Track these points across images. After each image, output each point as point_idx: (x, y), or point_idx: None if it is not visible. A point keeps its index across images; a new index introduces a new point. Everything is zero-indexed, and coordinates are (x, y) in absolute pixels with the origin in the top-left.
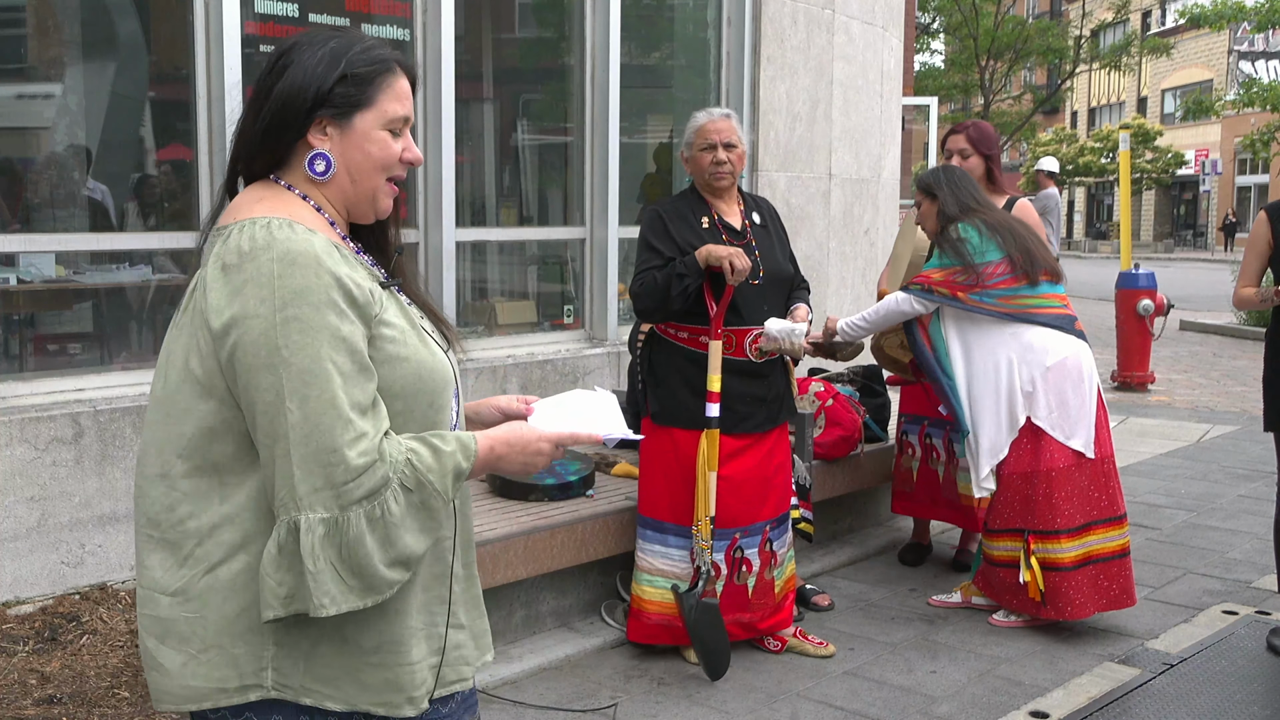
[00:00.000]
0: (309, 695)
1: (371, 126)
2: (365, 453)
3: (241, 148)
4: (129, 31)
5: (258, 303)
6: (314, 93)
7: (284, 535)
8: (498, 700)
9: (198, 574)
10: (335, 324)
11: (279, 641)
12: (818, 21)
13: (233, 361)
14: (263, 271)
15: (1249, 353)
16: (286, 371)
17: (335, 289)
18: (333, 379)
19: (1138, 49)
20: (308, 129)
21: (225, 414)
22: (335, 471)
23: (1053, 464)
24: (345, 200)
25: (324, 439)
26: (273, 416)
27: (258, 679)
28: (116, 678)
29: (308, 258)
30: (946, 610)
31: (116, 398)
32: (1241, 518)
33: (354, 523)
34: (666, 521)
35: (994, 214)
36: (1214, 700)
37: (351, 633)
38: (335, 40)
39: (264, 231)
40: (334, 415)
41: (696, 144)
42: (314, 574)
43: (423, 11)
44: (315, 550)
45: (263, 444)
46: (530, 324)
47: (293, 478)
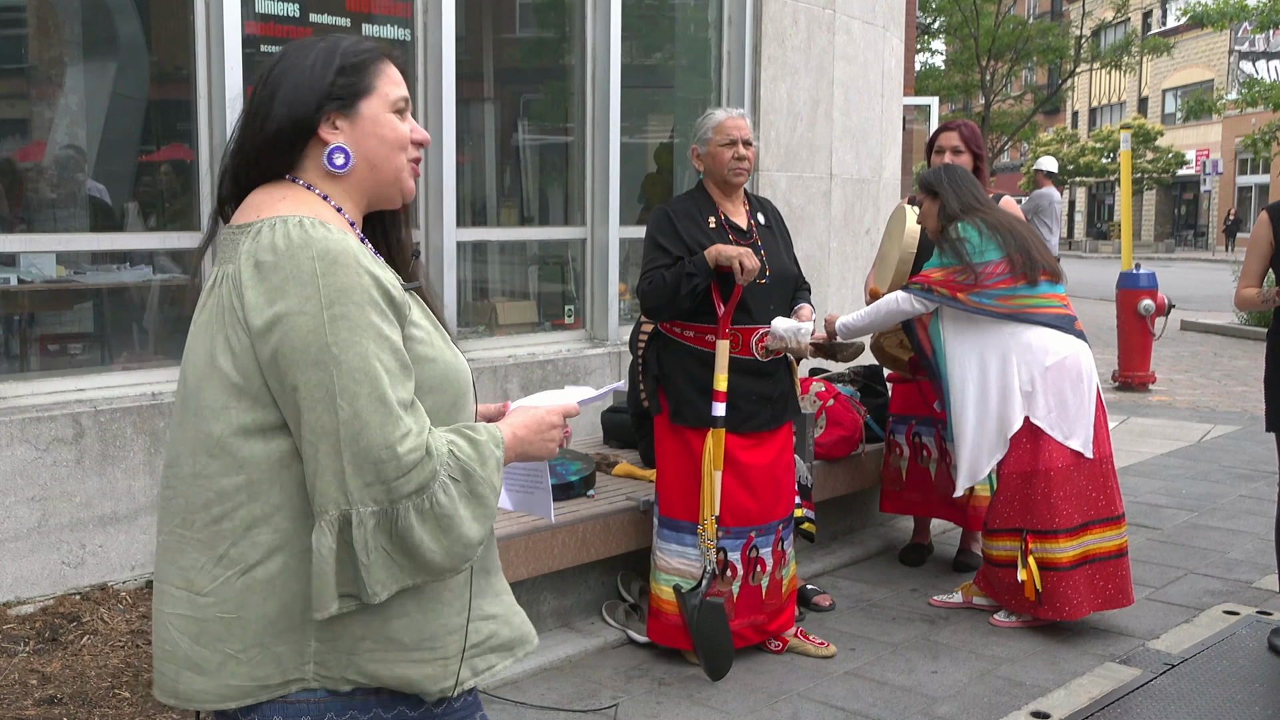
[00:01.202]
0: (349, 685)
1: (379, 111)
2: (414, 449)
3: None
4: (130, 32)
5: (302, 300)
6: (318, 89)
7: (335, 531)
8: (498, 700)
9: (234, 574)
10: (378, 323)
11: (321, 637)
12: (819, 21)
13: (276, 359)
14: (304, 269)
15: (1250, 353)
16: (337, 369)
17: (375, 288)
18: (381, 377)
19: (1138, 49)
20: (318, 126)
21: (258, 413)
22: (386, 468)
23: (1051, 464)
24: (366, 191)
25: (375, 436)
26: (321, 413)
27: (300, 672)
28: (117, 678)
29: (348, 256)
30: (948, 610)
31: (117, 398)
32: (1242, 518)
33: (403, 515)
34: (682, 520)
35: (995, 213)
36: (1215, 700)
37: (395, 629)
38: (322, 41)
39: (298, 229)
40: (385, 413)
41: (716, 140)
42: (367, 566)
43: (423, 11)
44: (369, 542)
45: (308, 441)
46: (531, 324)
47: (344, 474)
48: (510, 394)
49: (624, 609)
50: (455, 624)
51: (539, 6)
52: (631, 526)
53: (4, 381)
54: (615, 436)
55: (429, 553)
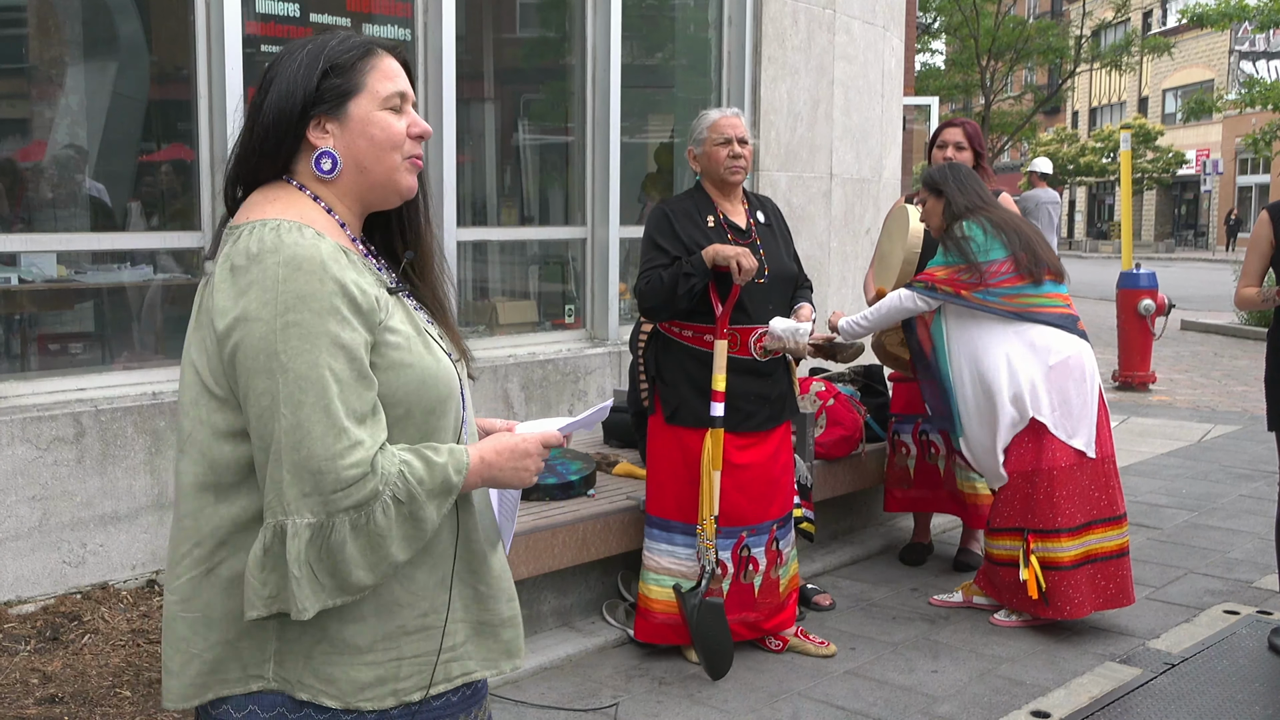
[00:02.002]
0: (305, 690)
1: (368, 110)
2: (357, 464)
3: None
4: (130, 31)
5: (260, 306)
6: (302, 95)
7: (270, 538)
8: (499, 700)
9: (198, 574)
10: (336, 331)
11: (281, 636)
12: (819, 21)
13: (233, 363)
14: (268, 275)
15: (1250, 352)
16: (283, 377)
17: (339, 295)
18: (329, 386)
19: (1138, 48)
20: (305, 131)
21: (227, 415)
22: (324, 480)
23: (1054, 463)
24: (360, 192)
25: (315, 446)
26: (267, 421)
27: (260, 670)
28: (118, 677)
29: (313, 263)
30: (948, 610)
31: (118, 397)
32: (1243, 517)
33: (337, 529)
34: (674, 520)
35: (999, 212)
36: (1215, 700)
37: (350, 634)
38: (311, 43)
39: (273, 234)
40: (327, 423)
41: (711, 139)
42: (297, 579)
43: (424, 11)
44: (301, 555)
45: (257, 447)
46: (531, 324)
47: (282, 482)
48: (510, 394)
49: (624, 608)
50: (415, 625)
51: (539, 6)
52: (632, 526)
53: (5, 381)
54: (615, 436)
55: (355, 569)
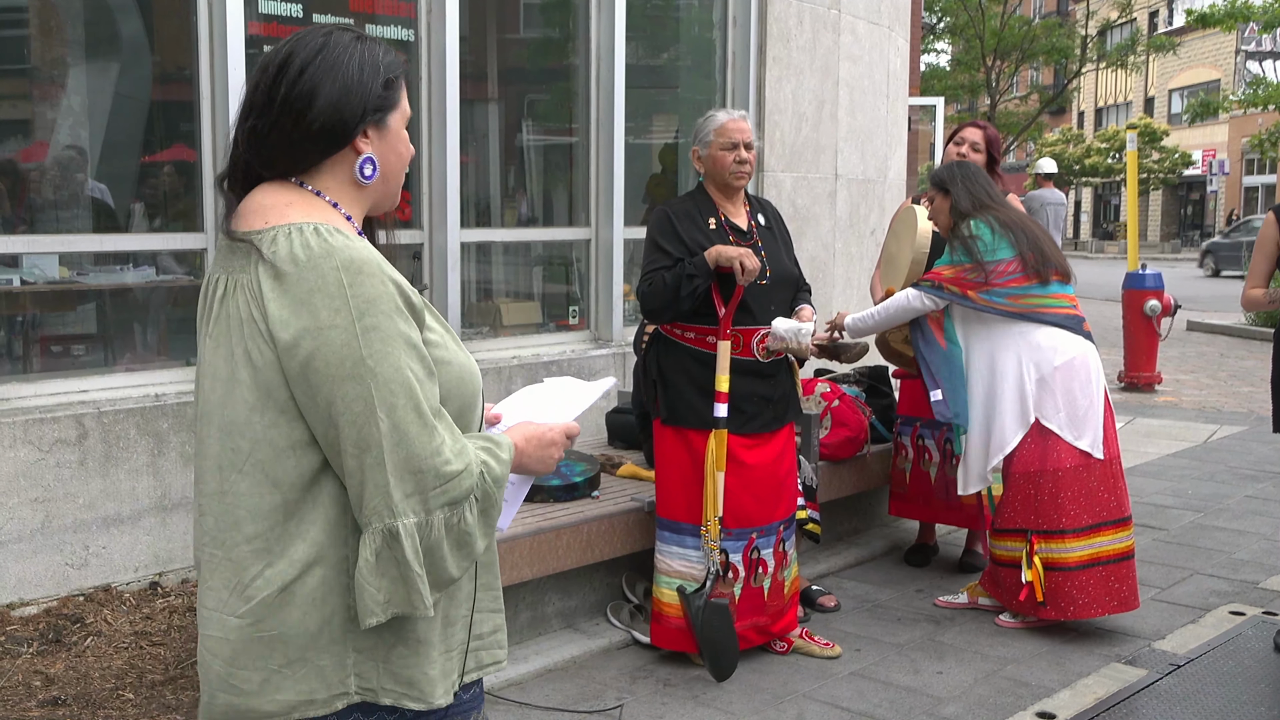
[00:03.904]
0: (388, 695)
1: (399, 125)
2: (450, 459)
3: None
4: (132, 32)
5: (331, 313)
6: (366, 99)
7: (380, 543)
8: (503, 701)
9: (272, 593)
10: (406, 331)
11: (359, 648)
12: (823, 21)
13: (307, 374)
14: (329, 280)
15: (1256, 353)
16: (374, 381)
17: (399, 296)
18: (414, 387)
19: (1144, 48)
20: (356, 135)
21: (286, 427)
22: (425, 478)
23: (1060, 464)
24: (375, 200)
25: (414, 446)
26: (361, 426)
27: (344, 686)
28: (121, 679)
29: (371, 265)
30: (953, 611)
31: (120, 399)
32: (1249, 518)
33: (435, 526)
34: (683, 522)
35: (1007, 211)
36: (1221, 701)
37: (422, 631)
38: (360, 44)
39: (316, 238)
40: (420, 424)
41: (718, 142)
42: (420, 575)
43: (427, 12)
44: (419, 553)
45: (350, 454)
46: (535, 325)
47: (388, 485)
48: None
49: (629, 610)
50: (457, 615)
51: (543, 7)
52: (636, 527)
53: (7, 383)
54: (620, 437)
55: (449, 566)
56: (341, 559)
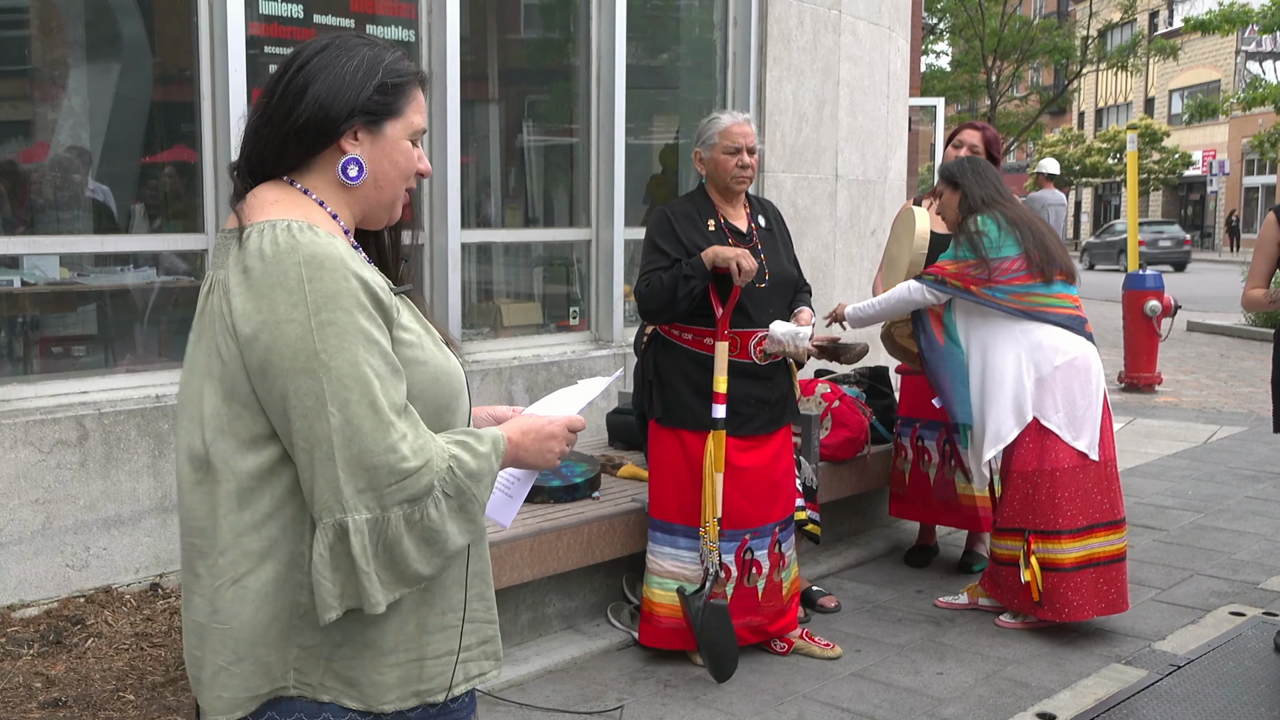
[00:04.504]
0: (327, 693)
1: (400, 136)
2: (408, 456)
3: (262, 147)
4: (133, 33)
5: (289, 307)
6: (353, 99)
7: (332, 538)
8: (504, 703)
9: (224, 584)
10: (367, 326)
11: (302, 644)
12: (824, 22)
13: (264, 368)
14: (290, 275)
15: (1256, 354)
16: (326, 376)
17: (363, 292)
18: (371, 382)
19: (1145, 49)
20: (343, 134)
21: (248, 421)
22: (379, 474)
23: (1058, 464)
24: (365, 206)
25: (367, 442)
26: (313, 421)
27: (284, 680)
28: (122, 681)
29: (334, 260)
30: (953, 612)
31: (121, 400)
32: (1249, 519)
33: (394, 523)
34: (676, 523)
35: (1015, 208)
36: (1221, 702)
37: (372, 636)
38: (368, 48)
39: (285, 234)
40: (375, 419)
41: (721, 145)
42: (367, 574)
43: (428, 13)
44: (367, 551)
45: (300, 448)
46: (535, 325)
47: (338, 480)
48: (515, 396)
49: (629, 610)
50: (435, 624)
51: (544, 7)
52: (636, 528)
53: (8, 384)
54: (620, 438)
55: (414, 563)
56: (298, 554)
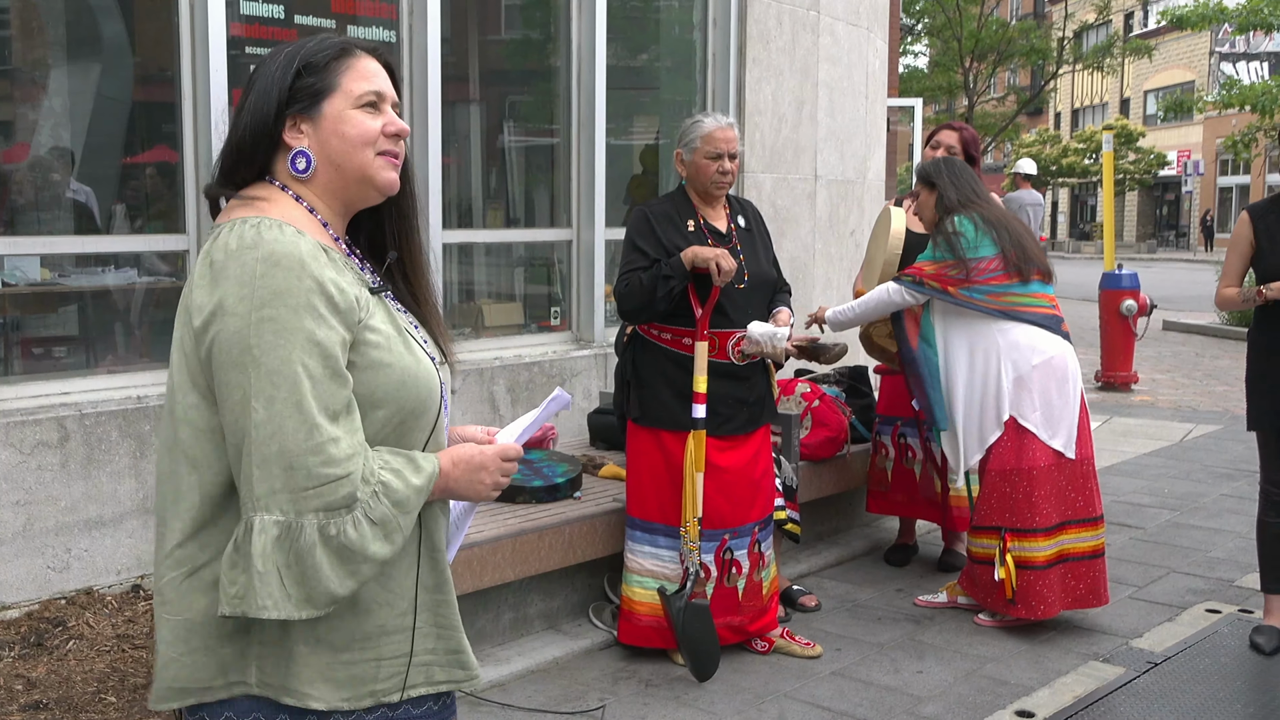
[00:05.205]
0: (290, 695)
1: (341, 109)
2: (332, 461)
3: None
4: (113, 33)
5: (236, 300)
6: (277, 94)
7: (241, 535)
8: (485, 703)
9: (180, 575)
10: (311, 328)
11: (262, 640)
12: (803, 23)
13: (209, 358)
14: (246, 270)
15: (1231, 352)
16: (256, 371)
17: (316, 293)
18: (301, 382)
19: (1120, 50)
20: (281, 131)
21: (205, 410)
22: (295, 475)
23: (1034, 462)
24: (337, 190)
25: (286, 441)
26: (238, 415)
27: (243, 675)
28: (103, 683)
29: (291, 259)
30: (932, 610)
31: (102, 401)
32: (1224, 516)
33: (307, 531)
34: (655, 522)
35: (992, 208)
36: (1198, 698)
37: (324, 632)
38: (292, 45)
39: (253, 231)
40: (299, 419)
41: (703, 149)
42: (261, 574)
43: (409, 13)
44: (266, 551)
45: (230, 442)
46: (517, 326)
47: (253, 477)
48: (496, 396)
49: (611, 610)
50: (394, 625)
51: (524, 8)
52: (618, 528)
53: None
54: (601, 438)
55: (326, 580)
56: None
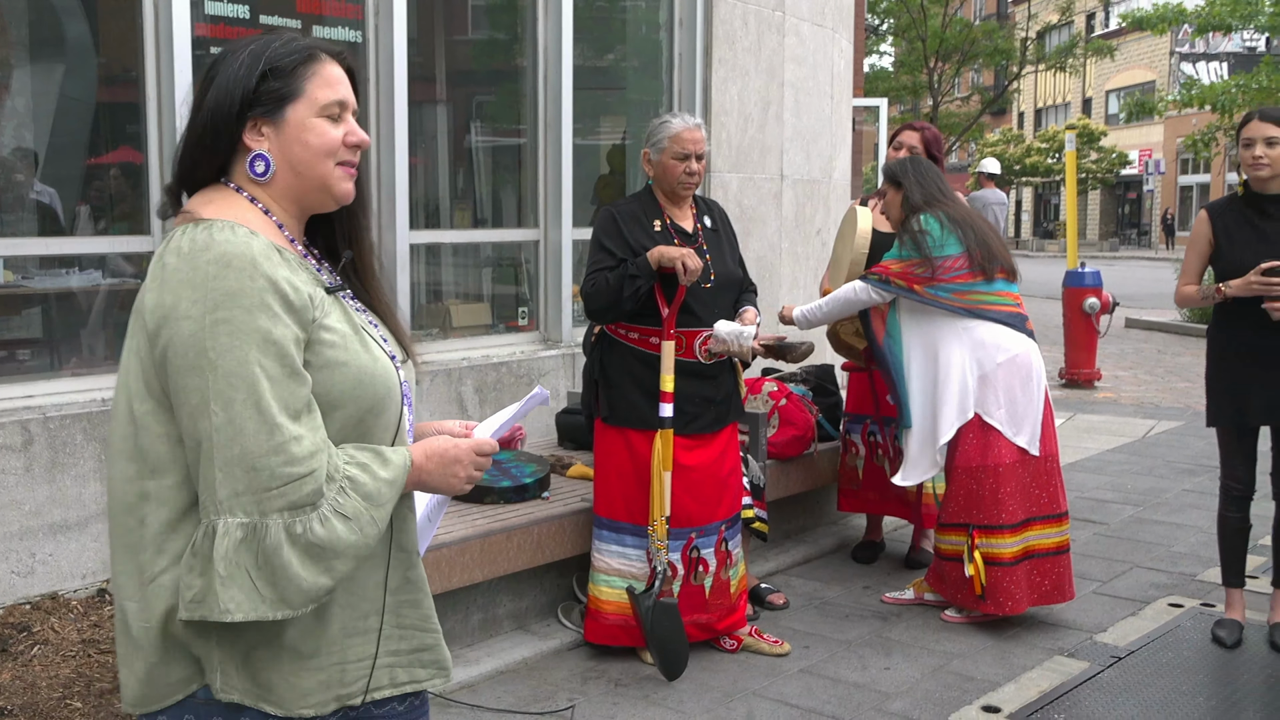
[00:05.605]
0: (246, 696)
1: (305, 116)
2: (295, 459)
3: (184, 160)
4: (77, 33)
5: (189, 304)
6: (240, 95)
7: (200, 539)
8: (455, 704)
9: (147, 580)
10: (267, 327)
11: (220, 643)
12: (768, 23)
13: (164, 362)
14: (198, 273)
15: (1192, 349)
16: (213, 374)
17: (270, 292)
18: (259, 383)
19: (1082, 51)
20: (241, 132)
21: (162, 416)
22: (258, 476)
23: (1000, 459)
24: (294, 195)
25: (248, 443)
26: (197, 419)
27: (205, 680)
28: (69, 688)
29: (243, 260)
30: (900, 607)
31: (66, 404)
32: (1186, 512)
33: (273, 531)
34: (623, 521)
35: (958, 207)
36: (1161, 691)
37: (291, 639)
38: (255, 42)
39: (204, 234)
40: (259, 420)
41: (670, 150)
42: (223, 578)
43: (374, 14)
44: (229, 554)
45: (189, 447)
46: (485, 326)
47: (214, 481)
48: (464, 397)
49: (579, 610)
50: (357, 627)
51: (491, 8)
52: (586, 528)
53: None
54: (570, 438)
55: (297, 579)
56: None
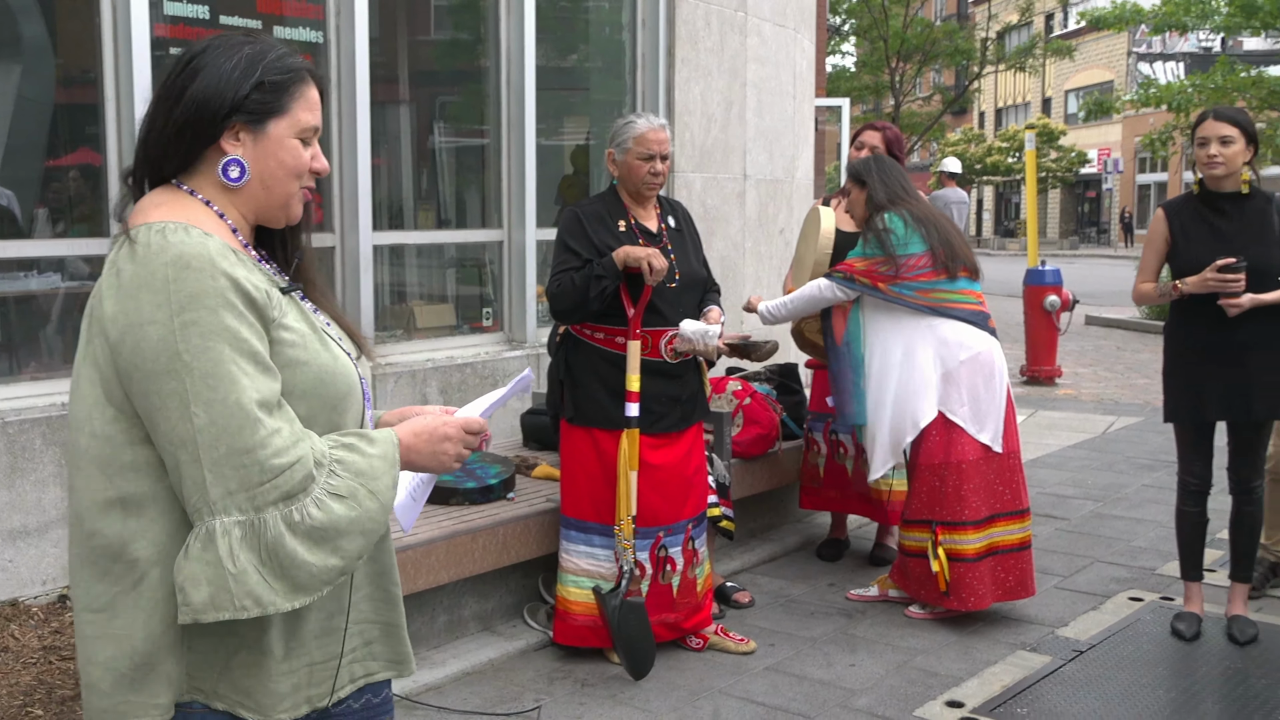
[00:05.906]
0: (222, 700)
1: (285, 134)
2: (280, 452)
3: (148, 151)
4: (34, 34)
5: (153, 308)
6: (230, 98)
7: (199, 541)
8: (421, 706)
9: (121, 590)
10: (234, 325)
11: (193, 648)
12: (730, 24)
13: (131, 369)
14: (156, 277)
15: (1151, 346)
16: (189, 376)
17: (232, 290)
18: (238, 380)
19: (1042, 51)
20: (222, 134)
21: (124, 423)
22: (249, 473)
23: (963, 456)
24: (255, 207)
25: (234, 441)
26: (176, 422)
27: (179, 683)
28: (29, 695)
29: (202, 260)
30: (864, 604)
31: (25, 408)
32: (1146, 506)
33: (271, 525)
34: (590, 521)
35: (921, 206)
36: (1122, 684)
37: (268, 641)
38: (250, 46)
39: (159, 237)
40: (242, 417)
41: (635, 150)
42: (235, 575)
43: (336, 14)
44: (234, 552)
45: (167, 451)
46: (449, 327)
47: (204, 482)
48: (429, 398)
49: (545, 611)
50: (320, 628)
51: (453, 8)
52: (551, 528)
53: None
54: (534, 439)
55: (306, 565)
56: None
